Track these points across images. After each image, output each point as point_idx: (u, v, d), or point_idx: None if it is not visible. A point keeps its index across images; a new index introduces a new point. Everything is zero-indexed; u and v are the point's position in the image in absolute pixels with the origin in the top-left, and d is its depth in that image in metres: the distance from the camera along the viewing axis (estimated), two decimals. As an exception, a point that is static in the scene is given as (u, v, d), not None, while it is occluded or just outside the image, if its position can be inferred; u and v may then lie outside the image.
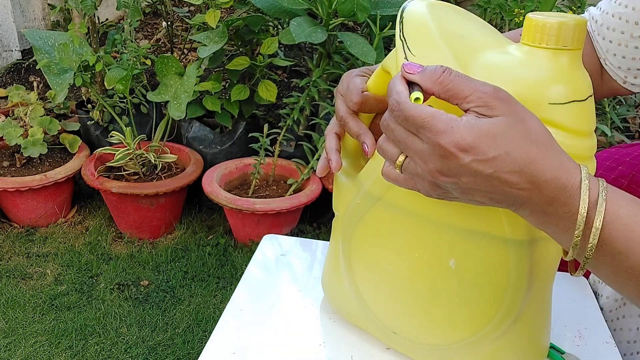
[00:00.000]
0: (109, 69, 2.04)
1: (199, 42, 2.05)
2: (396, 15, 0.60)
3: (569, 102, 0.52)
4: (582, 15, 0.84)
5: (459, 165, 0.47)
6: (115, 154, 2.01)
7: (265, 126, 1.99)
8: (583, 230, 0.47)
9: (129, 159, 2.03)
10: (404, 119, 0.48)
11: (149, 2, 2.78)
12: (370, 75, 0.67)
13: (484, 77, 0.51)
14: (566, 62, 0.52)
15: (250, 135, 2.10)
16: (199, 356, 0.69)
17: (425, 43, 0.56)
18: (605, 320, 0.78)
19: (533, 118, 0.48)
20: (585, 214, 0.47)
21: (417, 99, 0.49)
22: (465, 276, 0.59)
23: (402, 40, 0.57)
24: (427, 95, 0.50)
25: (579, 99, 0.52)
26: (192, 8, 2.89)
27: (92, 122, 2.26)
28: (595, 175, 0.50)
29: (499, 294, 0.59)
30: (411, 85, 0.50)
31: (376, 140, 0.62)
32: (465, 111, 0.48)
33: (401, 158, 0.51)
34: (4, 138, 2.11)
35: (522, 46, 0.54)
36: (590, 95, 0.54)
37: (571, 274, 0.54)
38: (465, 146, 0.46)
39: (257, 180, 2.08)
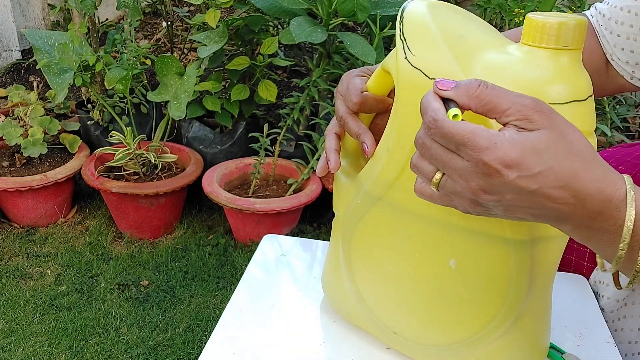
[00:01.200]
0: (109, 69, 2.04)
1: (199, 42, 2.05)
2: (396, 15, 0.60)
3: (569, 102, 0.52)
4: (588, 10, 0.84)
5: (503, 182, 0.45)
6: (115, 154, 2.01)
7: (265, 126, 1.99)
8: (629, 243, 0.46)
9: (129, 159, 2.03)
10: (442, 136, 0.47)
11: (149, 2, 2.78)
12: (370, 75, 0.67)
13: (484, 77, 0.51)
14: (566, 62, 0.52)
15: (250, 135, 2.10)
16: (199, 356, 0.69)
17: (425, 43, 0.56)
18: (606, 321, 0.78)
19: (574, 130, 0.47)
20: (631, 227, 0.45)
21: (455, 115, 0.47)
22: (465, 276, 0.59)
23: (402, 40, 0.57)
24: (462, 110, 0.48)
25: (579, 98, 0.52)
26: (192, 8, 2.89)
27: (92, 122, 2.26)
28: None
29: (499, 294, 0.58)
30: (445, 101, 0.49)
31: (376, 140, 0.63)
32: (504, 125, 0.47)
33: (438, 176, 0.49)
34: (4, 138, 2.11)
35: (522, 46, 0.53)
36: (591, 95, 0.53)
37: (617, 288, 0.53)
38: (510, 162, 0.45)
39: (257, 180, 2.08)
